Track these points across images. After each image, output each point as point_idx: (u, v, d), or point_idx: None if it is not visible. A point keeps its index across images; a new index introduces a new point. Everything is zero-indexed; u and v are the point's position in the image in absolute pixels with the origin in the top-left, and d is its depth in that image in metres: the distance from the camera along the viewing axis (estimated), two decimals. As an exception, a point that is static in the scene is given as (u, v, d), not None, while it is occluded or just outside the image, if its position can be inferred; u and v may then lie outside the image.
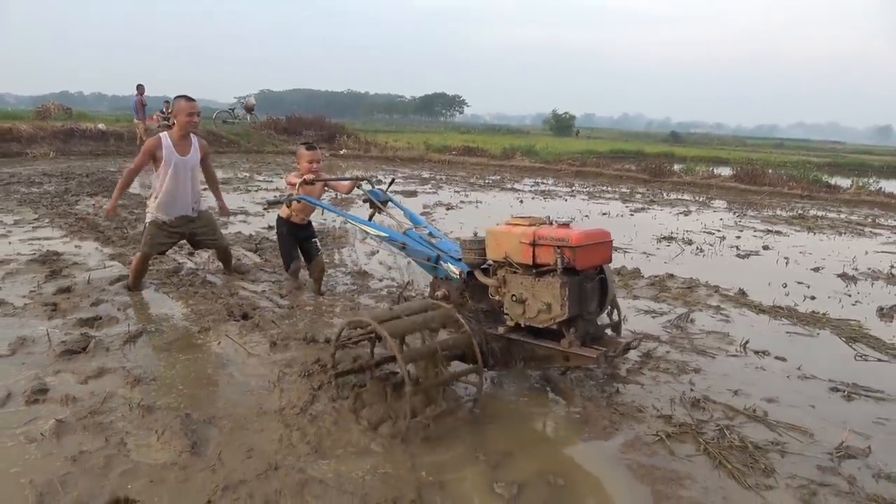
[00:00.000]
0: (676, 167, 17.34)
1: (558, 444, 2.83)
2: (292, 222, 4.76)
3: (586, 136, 57.34)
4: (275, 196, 4.35)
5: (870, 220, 10.84)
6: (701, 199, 12.74)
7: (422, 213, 9.21)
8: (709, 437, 2.85)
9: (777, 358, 3.93)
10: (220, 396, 3.11)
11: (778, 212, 11.25)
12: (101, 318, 4.09)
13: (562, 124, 62.27)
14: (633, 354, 3.78)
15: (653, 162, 16.82)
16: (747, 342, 4.12)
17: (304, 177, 4.35)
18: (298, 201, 4.46)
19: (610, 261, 3.01)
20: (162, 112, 20.87)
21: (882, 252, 7.72)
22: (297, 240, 4.83)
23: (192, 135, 4.73)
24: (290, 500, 2.27)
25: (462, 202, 10.61)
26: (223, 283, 5.05)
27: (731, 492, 2.46)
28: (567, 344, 2.86)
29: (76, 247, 6.07)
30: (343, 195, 4.74)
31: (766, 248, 7.64)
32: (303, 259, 4.97)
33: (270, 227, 7.49)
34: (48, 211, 7.95)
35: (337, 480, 2.40)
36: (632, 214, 10.15)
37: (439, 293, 3.45)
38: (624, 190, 13.80)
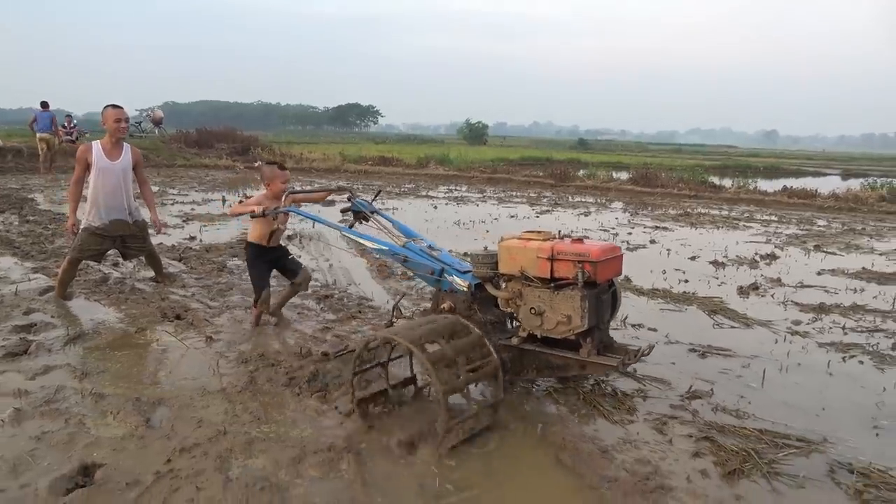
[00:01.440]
0: (581, 172, 18.52)
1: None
2: (263, 246, 4.33)
3: (498, 143, 59.04)
4: (264, 209, 4.03)
5: (745, 215, 12.16)
6: (601, 202, 13.79)
7: (340, 221, 9.61)
8: (587, 389, 3.48)
9: (650, 329, 4.66)
10: (166, 383, 3.44)
11: (668, 210, 12.39)
12: (36, 325, 4.29)
13: (475, 133, 63.84)
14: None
15: (558, 168, 17.90)
16: (626, 318, 4.83)
17: (283, 198, 4.11)
18: (286, 213, 4.23)
19: (621, 273, 3.19)
20: (65, 127, 20.12)
21: (750, 242, 8.82)
22: (269, 264, 4.44)
23: (123, 143, 4.82)
24: (240, 454, 2.69)
25: (380, 208, 11.03)
26: (152, 289, 5.30)
27: (601, 427, 3.08)
28: (586, 353, 3.01)
29: (-6, 262, 6.10)
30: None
31: (652, 241, 8.57)
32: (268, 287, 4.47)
33: (192, 238, 7.71)
34: (-45, 229, 7.79)
35: (279, 438, 2.84)
36: (538, 216, 10.95)
37: (444, 305, 3.45)
38: (532, 194, 14.70)
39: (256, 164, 20.07)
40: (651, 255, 7.58)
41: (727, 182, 17.73)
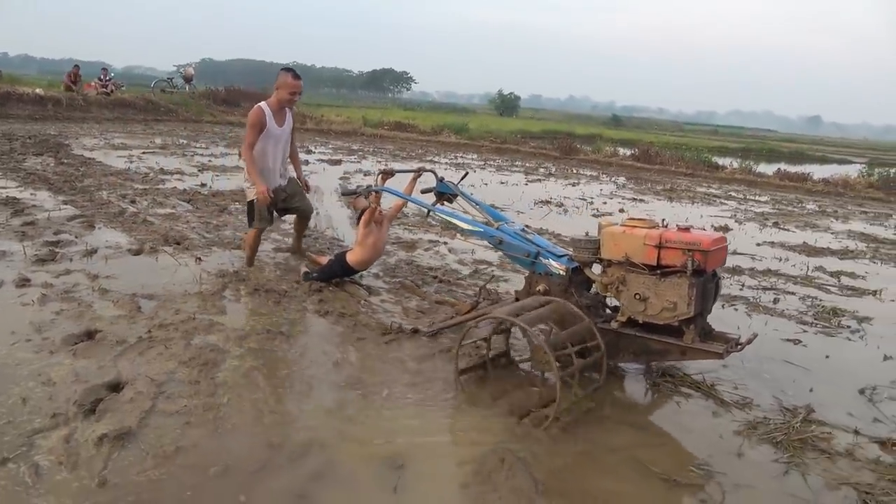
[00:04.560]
0: (588, 147, 19.09)
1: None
2: (353, 269, 4.51)
3: (530, 116, 59.30)
4: (357, 186, 4.21)
5: (730, 193, 12.73)
6: (596, 175, 14.43)
7: (341, 178, 10.53)
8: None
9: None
10: (158, 286, 4.39)
11: (656, 186, 13.02)
12: (62, 242, 5.28)
13: (507, 104, 64.07)
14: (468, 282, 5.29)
15: (564, 141, 18.51)
16: (552, 265, 5.65)
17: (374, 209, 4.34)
18: (377, 192, 4.26)
19: (725, 262, 3.32)
20: (99, 79, 21.26)
21: (714, 216, 9.49)
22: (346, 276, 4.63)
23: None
24: (202, 332, 3.63)
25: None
26: (159, 221, 6.27)
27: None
28: (690, 340, 3.07)
29: (31, 194, 7.13)
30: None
31: (621, 210, 9.31)
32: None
33: (203, 184, 8.67)
34: (-1, 166, 8.87)
35: (232, 324, 3.78)
36: (526, 184, 11.71)
37: (539, 288, 3.52)
38: (531, 165, 15.40)
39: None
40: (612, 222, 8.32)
41: (735, 164, 18.13)
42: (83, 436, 2.53)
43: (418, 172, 4.80)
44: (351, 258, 4.46)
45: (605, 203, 9.98)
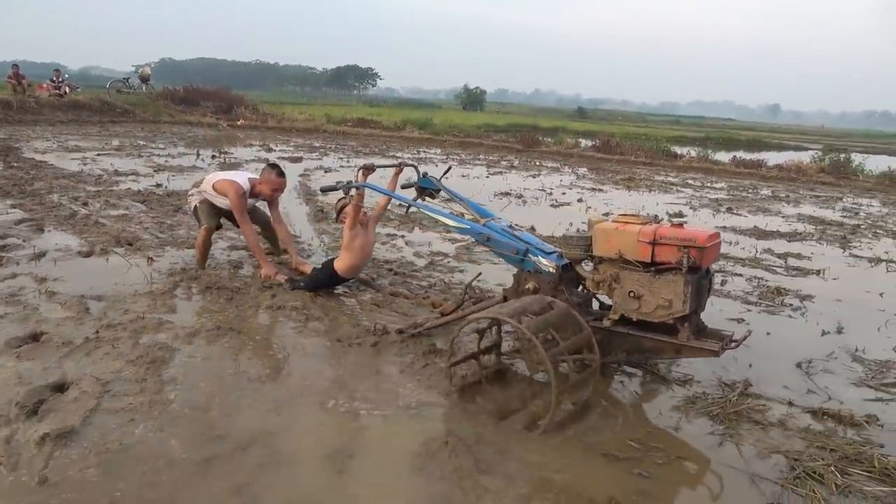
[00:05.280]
0: (550, 139, 19.30)
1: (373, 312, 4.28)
2: (341, 276, 4.35)
3: (496, 110, 59.56)
4: (336, 182, 4.10)
5: (687, 181, 13.01)
6: (557, 166, 14.60)
7: (301, 175, 10.47)
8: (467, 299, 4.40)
9: (523, 264, 5.57)
10: (107, 286, 4.34)
11: (615, 175, 13.23)
12: (8, 245, 5.17)
13: (472, 99, 64.38)
14: (421, 261, 5.35)
15: (526, 134, 18.68)
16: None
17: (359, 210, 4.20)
18: (358, 189, 4.07)
19: (718, 259, 3.49)
20: (52, 81, 20.74)
21: (669, 203, 9.70)
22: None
23: None
24: (151, 331, 3.61)
25: (342, 166, 11.91)
26: (112, 223, 6.18)
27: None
28: (685, 337, 3.01)
29: (-22, 199, 6.96)
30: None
31: (579, 200, 9.45)
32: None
33: (158, 185, 8.54)
34: (-55, 171, 8.62)
35: (182, 322, 3.76)
36: (488, 177, 11.80)
37: (529, 286, 3.45)
38: (493, 158, 15.51)
39: (239, 123, 20.78)
40: (569, 212, 8.47)
41: (693, 152, 18.52)
42: (24, 436, 2.51)
43: (400, 167, 4.65)
44: (339, 265, 4.30)
45: (563, 193, 10.12)
